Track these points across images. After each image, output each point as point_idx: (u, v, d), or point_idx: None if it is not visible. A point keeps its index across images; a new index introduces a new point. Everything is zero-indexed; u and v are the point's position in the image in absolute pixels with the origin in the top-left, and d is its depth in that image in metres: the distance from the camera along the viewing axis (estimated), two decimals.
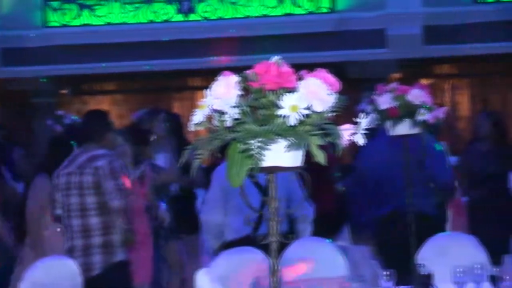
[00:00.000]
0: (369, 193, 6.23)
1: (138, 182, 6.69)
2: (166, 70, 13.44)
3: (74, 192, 5.74)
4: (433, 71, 14.02)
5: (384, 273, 4.17)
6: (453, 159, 11.36)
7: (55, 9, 13.22)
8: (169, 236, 7.40)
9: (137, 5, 13.14)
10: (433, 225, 5.74)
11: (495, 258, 4.78)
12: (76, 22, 13.21)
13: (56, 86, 14.02)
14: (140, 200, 6.61)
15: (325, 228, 7.12)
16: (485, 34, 12.87)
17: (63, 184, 5.82)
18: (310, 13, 13.15)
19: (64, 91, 14.39)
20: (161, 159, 7.42)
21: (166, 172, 7.28)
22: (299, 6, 13.11)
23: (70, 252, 5.69)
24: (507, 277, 4.07)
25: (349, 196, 6.87)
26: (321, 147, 2.57)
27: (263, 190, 5.53)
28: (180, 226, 7.64)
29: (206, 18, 13.09)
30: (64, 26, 13.21)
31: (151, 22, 13.16)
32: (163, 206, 7.16)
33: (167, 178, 7.33)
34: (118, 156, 6.43)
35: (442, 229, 6.13)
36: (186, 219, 7.79)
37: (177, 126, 7.98)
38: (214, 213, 5.99)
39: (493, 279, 4.16)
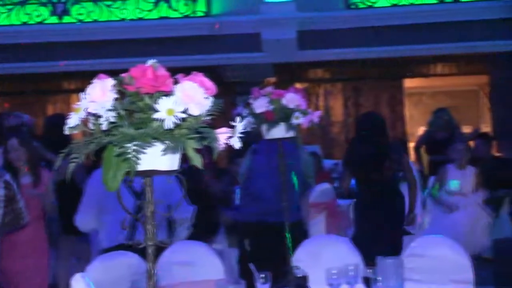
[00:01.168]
0: (245, 195, 6.27)
1: (31, 187, 6.55)
2: (40, 73, 13.18)
3: None
4: (308, 75, 14.23)
5: (260, 275, 4.20)
6: (328, 163, 11.59)
7: None
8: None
9: (9, 6, 12.84)
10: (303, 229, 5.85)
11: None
12: None
13: None
14: (35, 206, 6.48)
15: (202, 231, 7.14)
16: (357, 39, 13.16)
17: None
18: (186, 16, 13.14)
19: None
20: None
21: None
22: (175, 10, 13.08)
23: None
24: (380, 278, 4.16)
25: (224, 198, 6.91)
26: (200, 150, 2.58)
27: (138, 195, 5.50)
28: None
29: (80, 21, 12.90)
30: None
31: (25, 24, 12.88)
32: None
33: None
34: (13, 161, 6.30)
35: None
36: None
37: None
38: (87, 219, 5.90)
39: (367, 281, 4.25)
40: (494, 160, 9.85)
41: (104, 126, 2.52)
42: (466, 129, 14.70)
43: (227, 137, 2.63)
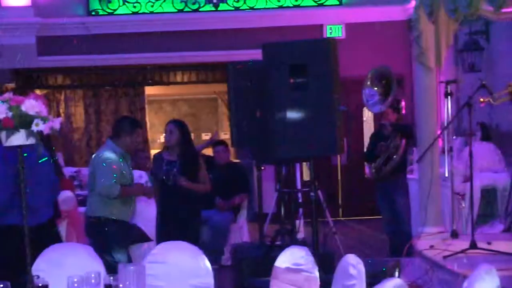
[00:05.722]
0: None
1: None
2: None
3: None
4: (48, 81, 13.97)
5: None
6: (69, 170, 11.45)
7: None
8: None
9: None
10: (49, 236, 5.78)
11: None
12: None
13: None
14: None
15: None
16: (98, 45, 13.12)
17: None
18: None
19: None
20: None
21: None
22: None
23: None
24: (122, 286, 4.17)
25: None
26: None
27: None
28: None
29: None
30: None
31: None
32: None
33: None
34: None
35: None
36: None
37: None
38: None
39: None
40: (228, 166, 10.16)
41: None
42: (205, 136, 15.13)
43: None
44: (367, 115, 13.77)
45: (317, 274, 4.38)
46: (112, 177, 6.67)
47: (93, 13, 13.34)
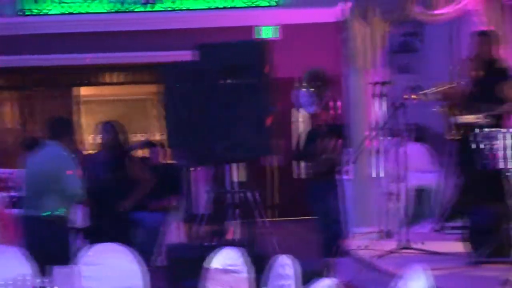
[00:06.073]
0: None
1: None
2: None
3: None
4: None
5: None
6: (2, 171, 11.28)
7: None
8: None
9: None
10: None
11: None
12: None
13: None
14: None
15: None
16: (29, 46, 12.98)
17: None
18: None
19: None
20: None
21: None
22: None
23: None
24: None
25: None
26: None
27: None
28: None
29: None
30: None
31: None
32: None
33: None
34: None
35: None
36: None
37: None
38: None
39: None
40: (160, 167, 10.12)
41: None
42: (137, 137, 15.04)
43: None
44: (299, 116, 13.78)
45: (249, 275, 4.39)
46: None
47: (23, 13, 13.16)
